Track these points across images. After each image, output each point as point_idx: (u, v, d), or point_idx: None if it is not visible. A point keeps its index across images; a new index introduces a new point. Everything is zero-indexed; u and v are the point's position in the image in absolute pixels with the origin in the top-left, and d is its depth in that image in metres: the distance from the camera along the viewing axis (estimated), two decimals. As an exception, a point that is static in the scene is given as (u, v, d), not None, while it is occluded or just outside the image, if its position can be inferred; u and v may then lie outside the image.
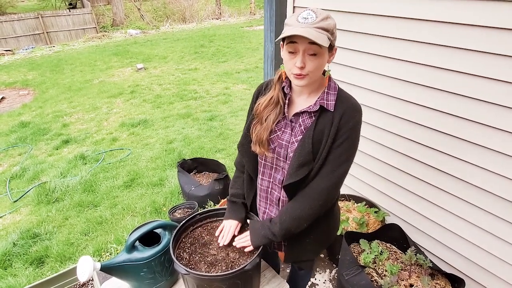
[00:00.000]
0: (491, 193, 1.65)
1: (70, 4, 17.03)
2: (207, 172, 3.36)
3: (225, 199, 2.64)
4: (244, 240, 1.30)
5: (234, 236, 1.37)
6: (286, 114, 1.23)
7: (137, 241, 1.33)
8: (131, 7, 17.06)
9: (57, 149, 4.61)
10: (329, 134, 1.13)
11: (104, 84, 7.37)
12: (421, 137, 1.87)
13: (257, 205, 1.45)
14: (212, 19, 16.95)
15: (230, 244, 1.37)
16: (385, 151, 2.11)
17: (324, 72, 1.19)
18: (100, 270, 1.23)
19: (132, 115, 5.58)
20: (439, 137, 1.79)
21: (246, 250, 1.30)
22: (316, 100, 1.16)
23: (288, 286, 1.47)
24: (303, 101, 1.22)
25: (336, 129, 1.12)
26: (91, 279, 1.98)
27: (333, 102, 1.14)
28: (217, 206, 2.64)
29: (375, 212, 2.22)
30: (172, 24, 15.89)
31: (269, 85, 1.30)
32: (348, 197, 2.44)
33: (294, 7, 2.38)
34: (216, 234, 1.40)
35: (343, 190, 2.54)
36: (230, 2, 19.88)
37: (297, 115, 1.21)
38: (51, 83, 7.67)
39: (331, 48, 1.10)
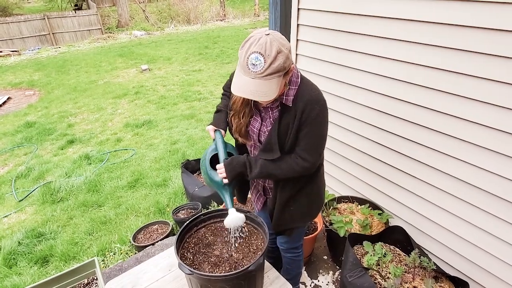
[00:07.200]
0: (495, 196, 1.64)
1: (75, 5, 17.17)
2: (211, 173, 3.37)
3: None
4: (221, 172, 1.35)
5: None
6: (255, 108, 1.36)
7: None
8: (136, 9, 17.17)
9: (62, 149, 4.65)
10: (293, 126, 1.25)
11: (109, 85, 7.42)
12: (425, 139, 1.87)
13: (251, 196, 1.65)
14: (217, 20, 17.00)
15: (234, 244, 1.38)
16: (389, 153, 2.11)
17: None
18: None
19: (136, 116, 5.61)
20: (443, 140, 1.78)
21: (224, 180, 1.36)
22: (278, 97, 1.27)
23: (291, 286, 1.47)
24: None
25: (299, 122, 1.24)
26: (95, 278, 2.00)
27: (291, 97, 1.24)
28: (221, 207, 2.65)
29: (379, 214, 2.22)
30: (177, 26, 15.96)
31: None
32: (352, 199, 2.44)
33: (298, 9, 2.39)
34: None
35: (346, 192, 2.54)
36: (235, 4, 19.93)
37: (266, 107, 1.32)
38: (57, 84, 7.73)
39: (288, 70, 1.15)
